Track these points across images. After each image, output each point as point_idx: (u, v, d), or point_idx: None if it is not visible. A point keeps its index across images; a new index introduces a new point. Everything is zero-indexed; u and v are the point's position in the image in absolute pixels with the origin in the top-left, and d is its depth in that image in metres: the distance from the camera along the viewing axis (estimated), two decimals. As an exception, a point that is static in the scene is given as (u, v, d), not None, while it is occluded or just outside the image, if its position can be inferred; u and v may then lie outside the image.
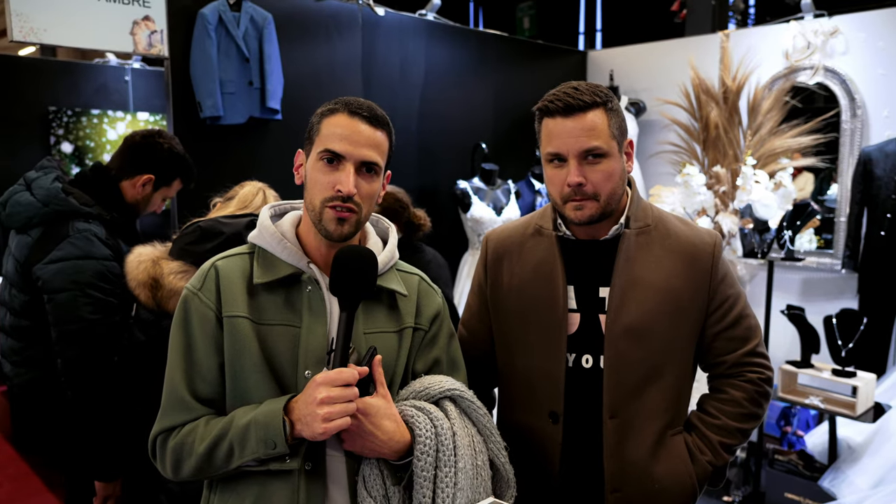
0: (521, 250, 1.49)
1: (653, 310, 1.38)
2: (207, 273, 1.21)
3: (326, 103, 1.23)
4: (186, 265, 1.64)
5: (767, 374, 1.46)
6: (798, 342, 3.22)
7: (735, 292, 1.45)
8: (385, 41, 3.75)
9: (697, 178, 3.71)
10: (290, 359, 1.17)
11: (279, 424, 1.09)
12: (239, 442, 1.11)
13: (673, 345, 1.41)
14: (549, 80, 4.90)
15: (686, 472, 1.42)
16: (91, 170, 2.13)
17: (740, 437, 1.45)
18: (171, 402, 1.18)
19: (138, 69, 5.79)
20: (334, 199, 1.16)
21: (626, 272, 1.39)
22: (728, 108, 3.91)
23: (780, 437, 3.82)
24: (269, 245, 1.22)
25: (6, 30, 2.63)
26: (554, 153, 1.34)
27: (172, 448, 1.17)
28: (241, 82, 3.10)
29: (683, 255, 1.41)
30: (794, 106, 3.88)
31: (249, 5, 3.11)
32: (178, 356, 1.19)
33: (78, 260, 1.87)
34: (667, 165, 4.34)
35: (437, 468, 1.15)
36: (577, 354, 1.42)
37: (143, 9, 2.87)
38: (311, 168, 1.19)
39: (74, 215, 1.95)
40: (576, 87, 1.33)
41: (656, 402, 1.40)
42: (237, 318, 1.17)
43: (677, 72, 4.19)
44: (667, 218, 1.47)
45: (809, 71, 3.87)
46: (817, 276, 3.92)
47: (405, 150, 3.88)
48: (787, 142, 3.77)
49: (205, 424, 1.16)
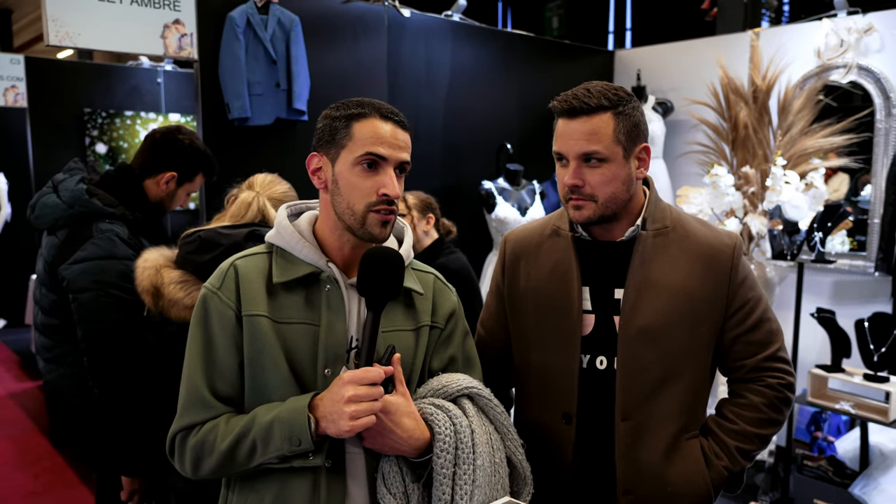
0: (538, 251, 1.49)
1: (668, 312, 1.37)
2: (227, 272, 1.22)
3: (340, 106, 1.22)
4: (187, 275, 1.65)
5: (788, 380, 1.44)
6: (828, 346, 3.16)
7: (756, 295, 1.43)
8: (411, 42, 3.77)
9: (726, 178, 3.66)
10: (310, 357, 1.18)
11: (304, 421, 1.10)
12: (262, 439, 1.12)
13: (689, 348, 1.40)
14: (575, 81, 4.85)
15: (701, 476, 1.41)
16: (115, 170, 2.16)
17: (759, 443, 1.43)
18: (190, 400, 1.19)
19: (170, 71, 5.90)
20: (380, 204, 1.18)
21: (640, 274, 1.38)
22: (758, 107, 3.85)
23: (810, 443, 3.75)
24: (287, 244, 1.23)
25: (43, 34, 2.71)
26: (557, 152, 1.36)
27: (193, 446, 1.17)
28: (268, 84, 3.15)
29: (702, 258, 1.40)
30: (826, 105, 3.80)
31: (277, 8, 3.15)
32: (198, 354, 1.20)
33: (100, 260, 1.91)
34: (695, 166, 4.29)
35: (457, 465, 1.16)
36: (591, 356, 1.42)
37: (173, 12, 2.93)
38: (348, 173, 1.18)
39: (98, 216, 1.99)
40: (587, 89, 1.33)
41: (671, 406, 1.39)
42: (257, 316, 1.18)
43: (706, 71, 4.13)
44: (686, 219, 1.46)
45: (842, 69, 3.79)
46: (849, 278, 3.84)
47: (430, 151, 3.90)
48: (819, 142, 3.70)
49: (226, 422, 1.16)
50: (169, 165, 2.12)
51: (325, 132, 1.22)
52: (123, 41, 2.84)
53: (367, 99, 1.23)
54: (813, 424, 3.78)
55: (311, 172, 1.24)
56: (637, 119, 1.35)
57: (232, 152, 3.02)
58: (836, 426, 3.77)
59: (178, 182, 2.15)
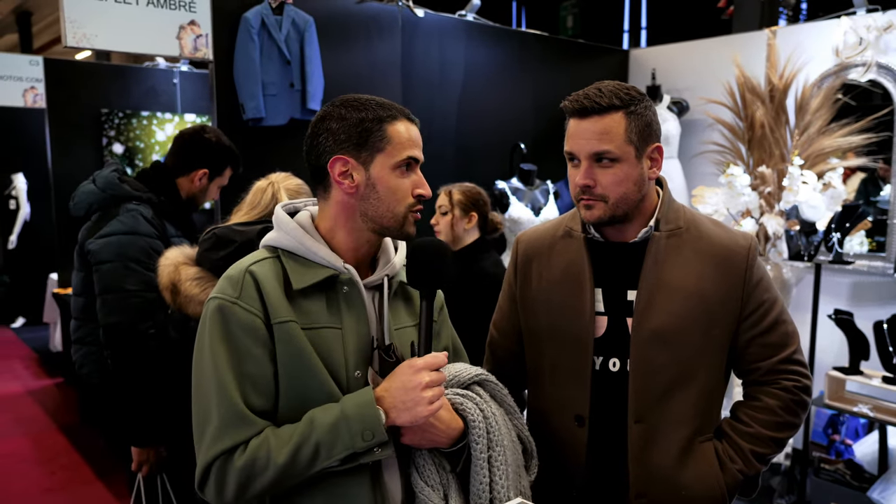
0: (550, 252, 1.48)
1: (681, 314, 1.36)
2: (243, 281, 1.15)
3: (359, 106, 1.18)
4: (203, 272, 1.69)
5: (804, 383, 1.42)
6: (846, 348, 3.12)
7: (771, 297, 1.42)
8: (424, 42, 3.77)
9: (742, 178, 3.63)
10: (339, 360, 1.17)
11: (376, 414, 1.09)
12: (327, 441, 1.09)
13: (703, 350, 1.38)
14: (589, 80, 4.84)
15: (715, 479, 1.39)
16: (151, 167, 2.31)
17: (774, 447, 1.42)
18: (228, 420, 1.10)
19: (186, 72, 5.94)
20: (417, 204, 1.20)
21: (653, 275, 1.37)
22: (774, 106, 3.81)
23: (827, 446, 3.71)
24: (300, 247, 1.19)
25: (61, 36, 2.74)
26: (568, 152, 1.36)
27: (241, 468, 1.09)
28: (282, 84, 3.16)
29: (716, 259, 1.38)
30: (844, 104, 3.75)
31: (291, 9, 3.17)
32: (227, 370, 1.11)
33: (124, 235, 2.03)
34: (710, 165, 4.25)
35: (491, 449, 1.20)
36: (604, 358, 1.41)
37: (188, 13, 2.96)
38: (389, 176, 1.17)
39: (126, 199, 2.13)
40: (599, 89, 1.32)
41: (684, 408, 1.38)
42: (287, 322, 1.13)
43: (721, 70, 4.10)
44: (700, 220, 1.44)
45: (861, 68, 3.73)
46: (868, 279, 3.79)
47: (444, 151, 3.90)
48: (837, 141, 3.65)
49: (274, 435, 1.10)
50: (200, 163, 2.25)
51: (352, 133, 1.17)
52: (139, 42, 2.87)
53: (380, 98, 1.21)
54: (830, 427, 3.73)
55: (337, 176, 1.18)
56: (649, 119, 1.34)
57: (246, 152, 3.02)
58: (855, 429, 3.72)
59: (210, 178, 2.28)
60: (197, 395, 1.14)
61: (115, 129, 5.61)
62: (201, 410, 1.13)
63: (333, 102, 1.22)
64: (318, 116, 1.22)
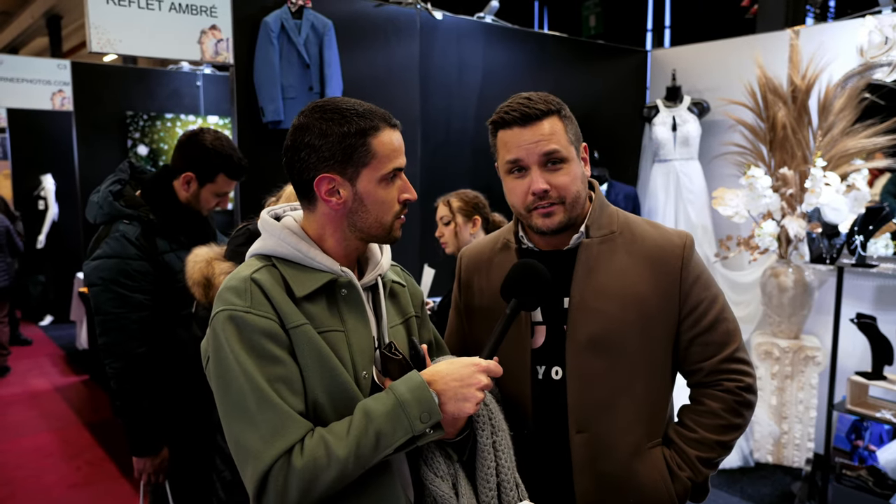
0: (489, 265, 1.49)
1: (617, 318, 1.34)
2: (249, 289, 1.13)
3: (340, 119, 1.15)
4: (236, 266, 1.71)
5: (747, 382, 1.39)
6: (869, 352, 3.07)
7: (710, 294, 1.39)
8: (443, 44, 3.79)
9: (763, 180, 3.59)
10: (346, 362, 1.18)
11: (431, 396, 1.11)
12: (387, 429, 1.09)
13: (644, 354, 1.36)
14: (609, 81, 4.87)
15: (664, 487, 1.37)
16: (155, 171, 2.26)
17: (720, 450, 1.39)
18: (277, 423, 1.07)
19: (209, 74, 6.02)
20: (403, 209, 1.22)
21: (585, 282, 1.36)
22: (797, 107, 3.76)
23: (850, 452, 3.65)
24: (296, 254, 1.19)
25: (86, 41, 2.81)
26: (513, 160, 1.33)
27: (304, 467, 1.05)
28: (301, 87, 3.20)
29: (650, 260, 1.37)
30: (868, 105, 3.69)
31: (311, 13, 3.20)
32: (259, 376, 1.08)
33: (108, 259, 2.05)
34: (731, 167, 4.21)
35: (494, 434, 1.24)
36: (546, 367, 1.40)
37: (210, 18, 3.00)
38: (376, 189, 1.17)
39: (119, 217, 2.12)
40: (528, 97, 1.33)
41: (630, 415, 1.36)
42: (302, 326, 1.13)
43: (743, 70, 4.05)
44: (635, 223, 1.43)
45: (887, 67, 3.67)
46: (892, 283, 3.72)
47: (461, 152, 3.91)
48: (861, 142, 3.59)
49: (328, 432, 1.09)
50: (187, 166, 2.13)
51: (336, 150, 1.15)
52: (162, 47, 2.93)
53: (359, 105, 1.18)
54: (853, 433, 3.68)
55: (324, 194, 1.16)
56: (574, 121, 1.38)
57: (266, 155, 3.07)
58: (879, 435, 3.66)
59: (198, 182, 2.14)
60: (230, 409, 1.09)
61: (140, 130, 5.70)
62: (240, 423, 1.08)
63: (312, 112, 1.17)
64: (297, 126, 1.17)
